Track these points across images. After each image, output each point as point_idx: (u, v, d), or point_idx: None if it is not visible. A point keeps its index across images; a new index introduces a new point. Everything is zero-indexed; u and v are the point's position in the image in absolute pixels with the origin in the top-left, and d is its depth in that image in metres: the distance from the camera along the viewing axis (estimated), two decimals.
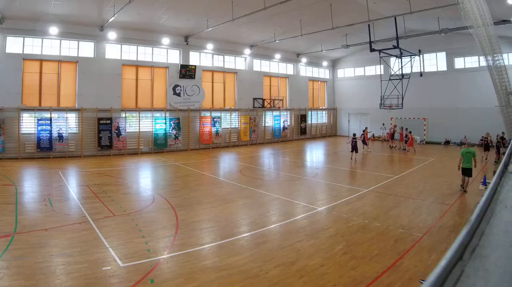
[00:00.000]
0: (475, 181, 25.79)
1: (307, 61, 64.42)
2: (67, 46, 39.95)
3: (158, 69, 46.59)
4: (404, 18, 39.54)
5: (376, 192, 23.86)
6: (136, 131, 43.44)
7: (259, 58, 57.51)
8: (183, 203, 20.75)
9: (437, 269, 2.41)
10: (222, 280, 11.44)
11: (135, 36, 43.62)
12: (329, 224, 17.13)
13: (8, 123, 35.99)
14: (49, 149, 37.68)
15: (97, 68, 41.21)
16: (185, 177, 29.45)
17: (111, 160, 38.56)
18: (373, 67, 60.87)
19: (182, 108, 47.40)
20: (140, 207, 20.05)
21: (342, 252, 13.58)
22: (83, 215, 17.81)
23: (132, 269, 12.02)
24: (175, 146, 46.02)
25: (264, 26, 45.38)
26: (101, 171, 31.69)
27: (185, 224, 16.92)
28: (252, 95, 55.62)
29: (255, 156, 40.01)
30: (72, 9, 35.54)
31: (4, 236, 14.52)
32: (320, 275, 11.77)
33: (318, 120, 67.64)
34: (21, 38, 37.35)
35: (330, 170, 32.74)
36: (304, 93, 64.92)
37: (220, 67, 52.79)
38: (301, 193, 24.50)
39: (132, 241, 14.59)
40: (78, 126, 39.96)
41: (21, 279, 11.03)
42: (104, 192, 23.05)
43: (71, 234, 15.13)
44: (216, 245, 14.48)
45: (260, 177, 29.72)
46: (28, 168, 32.57)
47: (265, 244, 14.60)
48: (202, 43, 49.39)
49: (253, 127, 54.60)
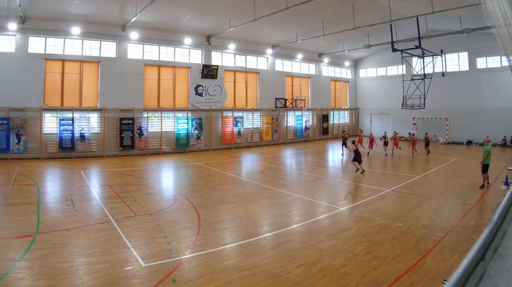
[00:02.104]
0: (496, 181, 25.73)
1: (329, 61, 63.73)
2: (89, 46, 39.89)
3: (180, 69, 46.23)
4: (426, 18, 38.57)
5: (398, 192, 23.54)
6: (158, 131, 43.15)
7: (281, 58, 56.89)
8: (205, 203, 20.50)
9: (459, 269, 2.42)
10: (244, 280, 11.31)
11: (157, 36, 43.43)
12: (351, 224, 16.92)
13: (30, 123, 35.83)
14: (71, 149, 37.54)
15: (119, 68, 41.10)
16: (207, 177, 29.15)
17: (133, 160, 38.24)
18: (395, 67, 60.44)
19: (204, 108, 47.05)
20: (162, 207, 19.89)
21: (364, 252, 13.42)
22: (105, 215, 17.71)
23: (154, 269, 11.91)
24: (197, 146, 45.57)
25: (286, 26, 44.83)
26: (123, 171, 31.44)
27: (207, 224, 16.75)
28: (274, 95, 55.03)
29: (277, 156, 39.33)
30: (94, 9, 35.58)
31: (26, 236, 14.42)
32: (342, 275, 11.62)
33: (340, 120, 67.17)
34: (43, 38, 37.20)
35: (352, 170, 31.54)
36: (326, 93, 64.21)
37: (242, 67, 52.40)
38: (323, 193, 24.30)
39: (154, 241, 14.47)
40: (100, 126, 39.77)
41: (43, 279, 10.94)
42: (126, 192, 22.89)
43: (93, 234, 15.05)
44: (238, 245, 14.36)
45: (282, 177, 29.23)
46: (50, 168, 32.41)
47: (287, 244, 14.42)
48: (224, 43, 48.99)
49: (275, 127, 54.02)
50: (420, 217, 17.88)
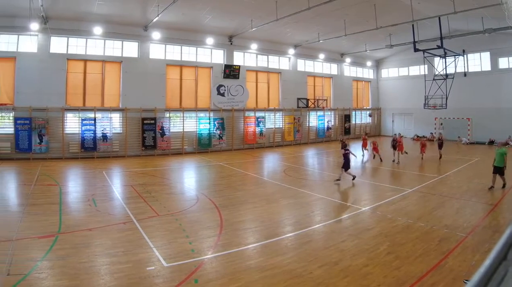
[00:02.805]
0: None
1: (351, 61, 62.74)
2: (111, 46, 39.81)
3: (202, 69, 45.90)
4: (448, 18, 38.08)
5: (420, 192, 23.35)
6: (180, 131, 42.92)
7: (303, 58, 56.14)
8: (227, 203, 20.40)
9: (481, 269, 2.36)
10: (266, 280, 11.23)
11: (179, 36, 43.12)
12: (373, 224, 16.80)
13: (52, 123, 35.82)
14: (93, 148, 37.46)
15: (141, 68, 40.90)
16: (229, 177, 28.93)
17: (155, 160, 38.03)
18: (417, 67, 59.20)
19: (226, 108, 46.71)
20: (184, 207, 19.84)
21: (386, 252, 13.32)
22: (127, 215, 17.67)
23: (176, 269, 11.84)
24: (219, 145, 45.27)
25: (308, 26, 44.35)
26: (145, 171, 31.25)
27: (229, 224, 16.67)
28: (296, 95, 54.43)
29: (299, 156, 38.76)
30: (116, 9, 35.58)
31: (48, 236, 14.39)
32: (364, 275, 11.51)
33: (362, 120, 66.51)
34: (65, 38, 37.11)
35: (374, 170, 31.87)
36: (348, 93, 63.28)
37: (264, 67, 51.84)
38: (345, 193, 24.09)
39: (176, 241, 14.40)
40: (122, 126, 39.68)
41: (65, 279, 10.92)
42: (148, 192, 22.77)
43: (115, 234, 15.06)
44: (260, 245, 14.26)
45: (304, 177, 28.79)
46: (72, 168, 32.28)
47: (309, 244, 14.33)
48: (246, 43, 48.58)
49: (297, 127, 53.55)
50: (442, 217, 17.77)
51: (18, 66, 34.87)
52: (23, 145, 34.43)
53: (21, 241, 13.90)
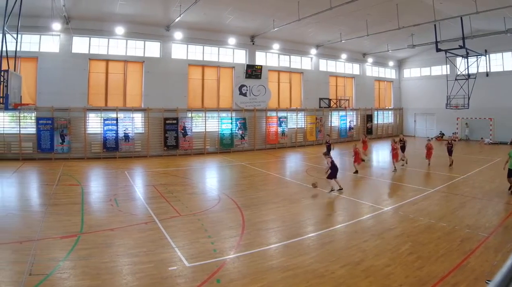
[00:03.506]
0: None
1: (373, 61, 62.02)
2: (133, 46, 39.64)
3: (224, 69, 45.58)
4: (470, 18, 37.89)
5: (442, 192, 23.20)
6: (202, 131, 42.61)
7: (325, 58, 55.46)
8: (249, 203, 20.27)
9: (503, 269, 2.44)
10: (288, 280, 11.13)
11: (201, 36, 42.72)
12: (395, 224, 16.67)
13: (74, 123, 35.80)
14: (115, 148, 37.37)
15: (163, 68, 40.70)
16: (251, 177, 28.70)
17: (177, 160, 37.67)
18: (439, 67, 58.75)
19: (248, 108, 46.27)
20: (206, 207, 19.71)
21: (408, 252, 13.24)
22: (149, 215, 17.62)
23: (198, 269, 11.79)
24: (241, 146, 44.88)
25: (330, 26, 43.80)
26: (167, 171, 31.01)
27: (251, 224, 16.58)
28: (318, 95, 53.86)
29: (321, 156, 38.56)
30: (138, 9, 35.52)
31: (70, 236, 14.38)
32: (386, 275, 11.45)
33: (384, 120, 65.68)
34: (87, 38, 37.05)
35: (400, 171, 31.52)
36: (370, 93, 62.62)
37: (286, 67, 51.27)
38: (367, 192, 23.98)
39: (198, 241, 14.34)
40: (144, 126, 39.46)
41: (87, 279, 10.89)
42: (170, 192, 22.65)
43: (137, 234, 15.04)
44: (282, 245, 14.15)
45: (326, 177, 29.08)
46: (94, 168, 32.19)
47: (331, 244, 14.26)
48: (268, 43, 47.95)
49: (319, 127, 53.00)
50: (464, 217, 17.65)
51: (40, 66, 34.88)
52: (45, 145, 34.33)
53: (43, 241, 13.87)
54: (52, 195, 21.42)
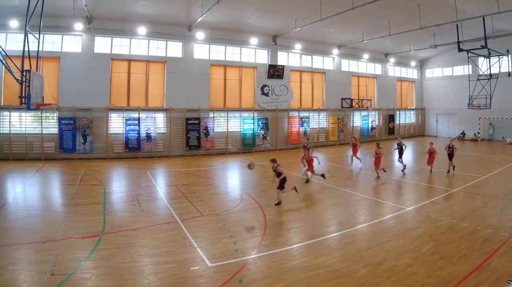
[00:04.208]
0: None
1: (395, 61, 61.37)
2: (155, 46, 39.46)
3: (246, 69, 45.22)
4: (492, 18, 36.82)
5: (464, 191, 22.87)
6: (224, 131, 42.37)
7: (347, 58, 54.83)
8: (271, 203, 19.88)
9: None
10: (310, 280, 11.06)
11: (223, 36, 42.38)
12: (417, 224, 16.50)
13: (96, 123, 35.74)
14: (137, 148, 37.17)
15: (185, 68, 40.38)
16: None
17: (199, 160, 37.25)
18: (461, 67, 58.04)
19: (270, 108, 45.89)
20: (228, 207, 19.61)
21: (430, 252, 13.10)
22: (171, 215, 17.54)
23: (220, 269, 11.70)
24: (263, 145, 44.36)
25: (352, 26, 43.26)
26: (189, 171, 30.72)
27: (273, 224, 16.56)
28: (340, 95, 53.14)
29: (343, 156, 37.59)
30: (160, 9, 35.29)
31: (92, 236, 14.36)
32: (408, 275, 11.36)
33: (406, 120, 64.83)
34: (109, 38, 37.04)
35: (418, 170, 31.01)
36: (392, 93, 61.76)
37: (308, 67, 50.63)
38: (389, 192, 23.76)
39: (220, 241, 14.27)
40: (166, 126, 39.22)
41: (109, 279, 10.86)
42: (192, 192, 22.52)
43: (159, 234, 14.97)
44: (304, 245, 14.04)
45: (348, 177, 28.27)
46: (116, 168, 32.17)
47: (353, 244, 14.13)
48: (290, 43, 47.45)
49: (341, 127, 52.59)
50: (486, 217, 17.43)
51: (62, 66, 34.86)
52: (67, 145, 34.29)
53: (65, 241, 13.85)
54: (74, 195, 21.39)
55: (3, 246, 13.27)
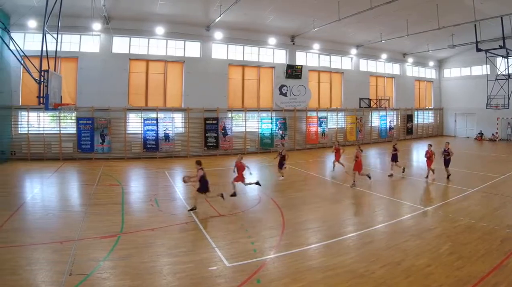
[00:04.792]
0: None
1: (413, 61, 60.70)
2: (173, 46, 39.28)
3: (265, 69, 44.81)
4: (511, 18, 37.20)
5: (482, 191, 22.66)
6: (242, 131, 42.14)
7: (366, 58, 54.29)
8: (289, 203, 20.04)
9: None
10: (328, 280, 11.05)
11: (241, 36, 42.12)
12: (435, 224, 16.42)
13: (114, 123, 35.74)
14: (155, 148, 37.05)
15: (203, 68, 40.14)
16: (291, 177, 27.89)
17: (217, 160, 36.88)
18: (479, 67, 57.28)
19: (288, 108, 45.41)
20: (246, 207, 19.65)
21: (448, 252, 13.07)
22: (189, 215, 17.51)
23: (239, 269, 11.71)
24: (280, 146, 42.75)
25: (370, 26, 42.80)
26: (208, 170, 28.13)
27: (291, 224, 16.38)
28: (358, 95, 52.74)
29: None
30: (178, 9, 35.22)
31: (110, 236, 14.41)
32: (426, 275, 11.33)
33: (425, 120, 64.30)
34: (127, 38, 37.14)
35: (436, 170, 30.33)
36: (410, 93, 61.07)
37: (327, 67, 50.14)
38: (407, 193, 23.48)
39: (238, 241, 14.27)
40: (184, 126, 39.09)
41: (127, 279, 10.92)
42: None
43: (178, 234, 15.08)
44: (322, 245, 14.00)
45: (366, 177, 26.77)
46: (134, 167, 32.05)
47: (371, 244, 14.10)
48: (308, 43, 46.95)
49: (359, 127, 52.12)
50: (505, 217, 17.36)
51: (80, 66, 34.93)
52: (85, 145, 34.31)
53: (83, 241, 13.90)
54: (92, 195, 21.42)
55: (21, 246, 13.28)
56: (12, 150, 33.07)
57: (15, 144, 33.35)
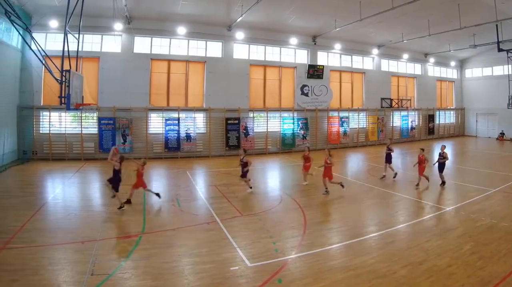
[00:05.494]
0: None
1: (434, 61, 59.90)
2: (195, 46, 38.91)
3: (286, 69, 44.12)
4: None
5: (504, 191, 22.35)
6: (264, 131, 41.59)
7: (387, 58, 53.50)
8: (311, 203, 19.80)
9: None
10: (350, 280, 10.97)
11: (262, 36, 41.58)
12: (457, 224, 16.24)
13: (136, 123, 35.52)
14: (177, 148, 36.70)
15: (225, 68, 39.76)
16: (313, 177, 26.49)
17: (238, 160, 37.46)
18: (500, 67, 56.38)
19: (310, 108, 44.83)
20: (268, 206, 19.33)
21: (470, 252, 12.93)
22: (211, 215, 17.41)
23: (260, 269, 11.64)
24: (303, 146, 41.36)
25: (392, 26, 42.01)
26: (229, 171, 29.88)
27: (312, 224, 16.22)
28: (380, 95, 51.91)
29: (383, 156, 37.58)
30: (200, 9, 34.89)
31: (132, 236, 14.46)
32: (448, 275, 11.21)
33: (446, 120, 63.35)
34: (148, 38, 36.90)
35: (458, 170, 29.91)
36: (432, 93, 60.18)
37: (348, 67, 49.38)
38: (429, 192, 22.88)
39: (260, 241, 14.16)
40: (206, 126, 38.70)
41: (148, 279, 10.89)
42: (232, 192, 22.29)
43: (199, 234, 14.93)
44: (344, 245, 13.89)
45: (388, 177, 26.96)
46: (155, 167, 31.53)
47: (393, 244, 13.94)
48: (329, 43, 46.30)
49: (381, 127, 51.45)
50: None
51: (102, 66, 34.80)
52: (106, 145, 33.65)
53: (105, 241, 13.90)
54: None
55: (43, 246, 13.20)
56: (33, 150, 32.82)
57: (36, 144, 33.07)
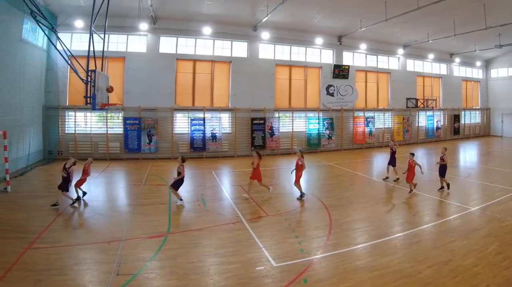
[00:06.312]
0: None
1: (460, 61, 58.66)
2: (220, 46, 38.47)
3: (311, 69, 43.32)
4: None
5: None
6: (289, 131, 40.89)
7: (412, 58, 52.52)
8: (336, 203, 19.69)
9: None
10: (375, 280, 10.90)
11: (288, 36, 40.88)
12: (483, 224, 16.07)
13: (161, 123, 35.19)
14: (202, 148, 36.32)
15: (250, 68, 39.30)
16: (338, 177, 27.68)
17: (264, 160, 32.90)
18: None
19: (336, 108, 44.02)
20: (294, 207, 19.21)
21: (496, 252, 12.79)
22: (236, 215, 17.39)
23: (286, 269, 11.58)
24: (328, 146, 42.55)
25: (417, 26, 40.99)
26: None
27: (338, 224, 16.15)
28: (405, 95, 50.92)
29: (408, 156, 38.23)
30: (225, 9, 34.49)
31: (157, 236, 14.41)
32: (473, 275, 11.13)
33: (472, 120, 62.09)
34: (174, 38, 36.57)
35: (483, 170, 29.84)
36: (457, 93, 59.07)
37: (373, 67, 48.56)
38: (454, 193, 22.31)
39: (285, 241, 14.07)
40: (232, 126, 38.27)
41: (174, 279, 10.88)
42: (257, 192, 21.82)
43: (225, 234, 14.89)
44: (369, 245, 13.79)
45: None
46: None
47: (418, 244, 13.84)
48: (355, 43, 45.50)
49: (406, 127, 50.44)
50: None
51: (127, 66, 34.76)
52: (132, 145, 33.91)
53: (130, 241, 13.95)
54: (139, 195, 21.41)
55: (69, 246, 13.27)
56: (59, 150, 32.52)
57: (62, 143, 32.89)
